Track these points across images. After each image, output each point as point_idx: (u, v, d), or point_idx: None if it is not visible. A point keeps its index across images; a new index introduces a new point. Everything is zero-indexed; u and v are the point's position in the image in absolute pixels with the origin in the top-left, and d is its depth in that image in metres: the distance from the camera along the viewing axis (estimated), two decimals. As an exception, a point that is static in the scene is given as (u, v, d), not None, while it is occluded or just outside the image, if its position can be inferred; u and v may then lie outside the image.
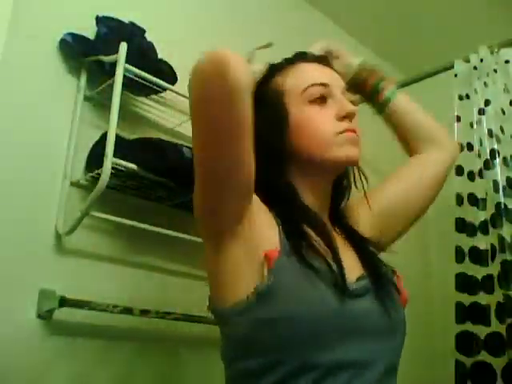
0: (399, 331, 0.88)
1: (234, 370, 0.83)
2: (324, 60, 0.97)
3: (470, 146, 1.74)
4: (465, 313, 1.59)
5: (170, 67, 1.49)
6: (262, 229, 0.82)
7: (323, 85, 0.91)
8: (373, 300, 0.84)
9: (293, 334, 0.76)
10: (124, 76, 1.31)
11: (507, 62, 1.72)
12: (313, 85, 0.90)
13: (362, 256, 0.91)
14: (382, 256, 0.98)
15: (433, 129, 1.10)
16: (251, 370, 0.79)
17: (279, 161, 0.91)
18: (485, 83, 1.73)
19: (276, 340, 0.76)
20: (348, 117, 0.89)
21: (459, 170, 1.72)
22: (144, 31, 1.51)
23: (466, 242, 1.65)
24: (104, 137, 1.30)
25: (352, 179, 0.99)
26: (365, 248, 0.93)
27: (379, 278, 0.88)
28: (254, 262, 0.79)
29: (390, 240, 1.03)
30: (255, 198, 0.83)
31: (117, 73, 1.30)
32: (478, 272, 1.60)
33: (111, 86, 1.31)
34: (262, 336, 0.77)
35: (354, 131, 0.89)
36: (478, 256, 1.62)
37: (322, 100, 0.90)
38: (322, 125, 0.89)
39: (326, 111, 0.90)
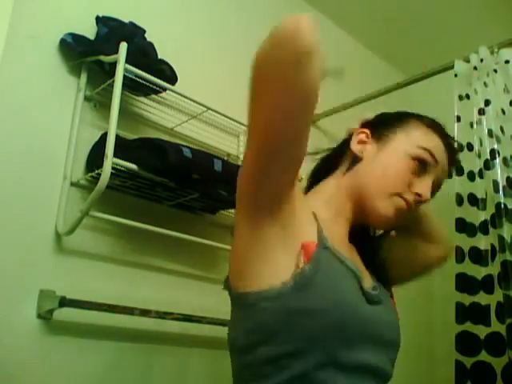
0: (398, 345, 0.91)
1: (253, 356, 0.80)
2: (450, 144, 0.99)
3: (470, 146, 1.73)
4: (465, 313, 1.59)
5: (170, 67, 1.49)
6: (302, 221, 0.83)
7: (436, 161, 0.92)
8: (384, 311, 0.88)
9: (325, 326, 0.77)
10: (124, 76, 1.31)
11: (507, 62, 1.71)
12: (431, 152, 0.92)
13: (371, 270, 0.94)
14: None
15: (440, 231, 1.12)
16: (275, 356, 0.78)
17: (341, 161, 0.96)
18: (485, 83, 1.73)
19: (307, 330, 0.77)
20: (417, 199, 0.91)
21: (459, 170, 1.72)
22: (144, 31, 1.51)
23: (466, 242, 1.65)
24: (104, 137, 1.30)
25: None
26: (375, 264, 0.96)
27: (386, 293, 0.92)
28: (291, 250, 0.79)
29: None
30: (298, 190, 0.84)
31: (117, 73, 1.30)
32: (478, 272, 1.60)
33: (111, 86, 1.31)
34: (294, 324, 0.77)
35: (409, 207, 0.91)
36: (478, 256, 1.62)
37: (420, 167, 0.91)
38: (398, 177, 0.90)
39: (413, 175, 0.91)
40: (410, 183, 0.90)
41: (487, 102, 1.70)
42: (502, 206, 1.55)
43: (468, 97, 1.79)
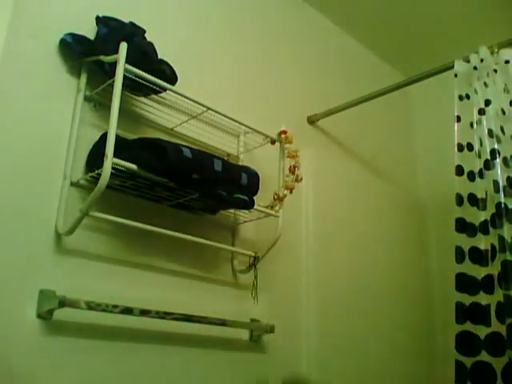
0: None
1: None
2: None
3: (469, 146, 1.73)
4: (465, 313, 1.59)
5: (170, 67, 1.49)
6: None
7: None
8: None
9: None
10: (124, 76, 1.31)
11: (507, 62, 1.71)
12: None
13: None
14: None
15: None
16: None
17: None
18: (485, 83, 1.73)
19: None
20: None
21: (459, 170, 1.72)
22: (144, 31, 1.51)
23: (466, 242, 1.65)
24: (104, 137, 1.30)
25: None
26: None
27: None
28: None
29: None
30: None
31: (117, 73, 1.30)
32: (478, 272, 1.60)
33: (111, 86, 1.31)
34: None
35: None
36: (478, 256, 1.62)
37: None
38: None
39: None
40: None
41: (487, 102, 1.70)
42: (502, 205, 1.56)
43: (468, 97, 1.79)
